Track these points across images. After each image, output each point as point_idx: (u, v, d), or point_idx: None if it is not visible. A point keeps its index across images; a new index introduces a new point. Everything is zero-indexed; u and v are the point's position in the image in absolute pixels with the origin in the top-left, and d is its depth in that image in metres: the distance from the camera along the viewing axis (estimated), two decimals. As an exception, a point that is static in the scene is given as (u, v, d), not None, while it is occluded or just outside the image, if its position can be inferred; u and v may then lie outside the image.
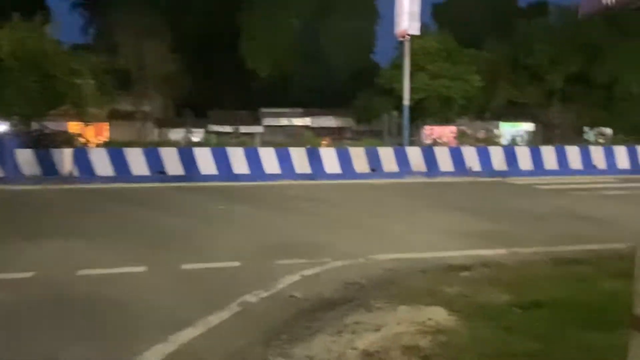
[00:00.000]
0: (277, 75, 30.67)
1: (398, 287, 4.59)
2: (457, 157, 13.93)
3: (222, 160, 12.90)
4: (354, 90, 29.32)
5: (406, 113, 14.35)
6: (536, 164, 14.18)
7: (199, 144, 14.14)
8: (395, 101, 24.92)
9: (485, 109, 26.51)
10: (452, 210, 8.61)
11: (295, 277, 4.76)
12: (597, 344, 3.34)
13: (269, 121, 30.85)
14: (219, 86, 30.71)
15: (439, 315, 3.90)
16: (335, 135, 23.19)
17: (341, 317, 3.93)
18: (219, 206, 9.19)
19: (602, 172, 14.26)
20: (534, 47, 26.24)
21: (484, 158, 14.05)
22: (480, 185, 12.55)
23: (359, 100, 27.86)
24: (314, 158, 13.35)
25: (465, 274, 5.02)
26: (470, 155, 14.00)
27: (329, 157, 13.44)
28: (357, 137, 21.91)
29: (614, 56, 24.27)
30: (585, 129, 26.87)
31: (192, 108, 27.73)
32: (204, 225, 7.36)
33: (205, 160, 12.84)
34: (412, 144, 15.82)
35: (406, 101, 14.26)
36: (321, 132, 22.21)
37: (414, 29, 13.72)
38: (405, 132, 14.58)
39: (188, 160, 12.72)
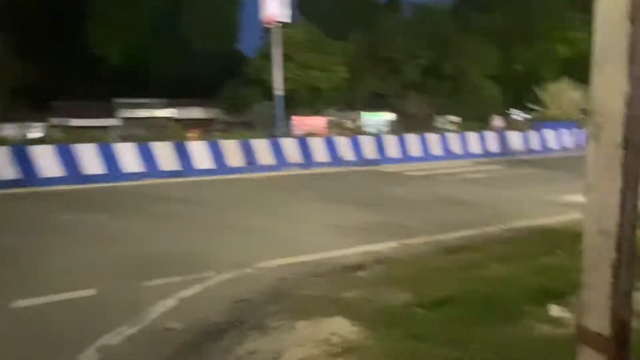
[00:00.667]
0: (132, 64, 27.89)
1: (293, 299, 4.05)
2: (331, 147, 13.91)
3: (68, 159, 10.99)
4: (221, 80, 28.07)
5: (279, 103, 13.88)
6: (403, 152, 14.86)
7: (38, 141, 11.87)
8: (265, 91, 24.42)
9: (351, 99, 27.51)
10: (335, 203, 8.37)
11: (171, 302, 3.92)
12: (510, 339, 3.20)
13: (125, 113, 27.95)
14: (64, 75, 26.88)
15: (342, 327, 3.46)
16: (205, 127, 21.84)
17: (232, 347, 3.26)
18: (64, 216, 7.67)
19: (458, 156, 15.52)
20: (392, 41, 27.93)
21: (356, 147, 14.27)
22: (355, 174, 12.66)
23: (227, 90, 26.76)
24: (182, 153, 12.16)
25: (361, 274, 4.68)
26: (344, 145, 14.11)
27: (199, 151, 12.37)
28: (228, 129, 20.89)
29: (460, 51, 26.93)
30: (437, 117, 29.35)
31: (31, 99, 23.79)
32: (45, 242, 5.96)
33: (47, 160, 10.81)
34: (285, 135, 15.45)
35: (279, 91, 13.78)
36: (188, 124, 20.68)
37: (284, 15, 13.23)
38: (279, 123, 14.13)
39: (24, 160, 10.58)
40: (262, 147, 13.01)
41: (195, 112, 29.29)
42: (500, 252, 5.12)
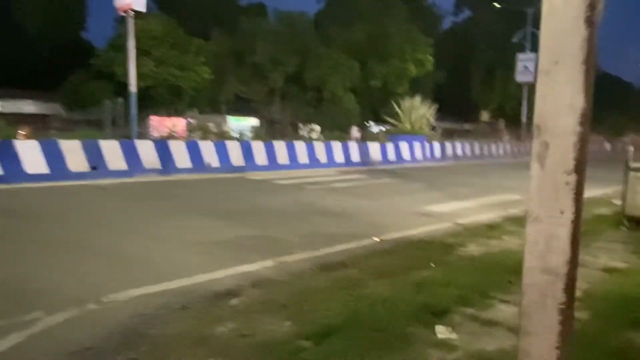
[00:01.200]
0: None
1: (152, 341, 3.27)
2: (194, 152, 12.88)
3: None
4: (63, 71, 24.55)
5: (133, 101, 12.38)
6: (270, 159, 14.49)
7: None
8: (116, 87, 21.94)
9: (215, 102, 26.37)
10: (201, 216, 7.55)
11: (-28, 364, 2.85)
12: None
13: None
14: None
15: (215, 376, 2.86)
16: (39, 124, 18.71)
17: None
18: None
19: (324, 165, 15.69)
20: (257, 45, 27.57)
21: (222, 153, 13.47)
22: (221, 182, 11.87)
23: (70, 83, 23.46)
24: (7, 154, 10.03)
25: (235, 301, 4.07)
26: (208, 150, 13.19)
27: (31, 153, 10.33)
28: (69, 128, 18.19)
29: (322, 62, 27.70)
30: (300, 125, 29.81)
31: None
32: None
33: None
34: (140, 136, 13.92)
35: (132, 87, 12.27)
36: (17, 120, 17.50)
37: (139, 4, 11.84)
38: (133, 123, 12.60)
39: None
40: (111, 150, 11.43)
41: (27, 106, 25.12)
42: (378, 267, 4.97)
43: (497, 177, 15.61)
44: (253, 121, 28.48)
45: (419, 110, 20.71)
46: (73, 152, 10.84)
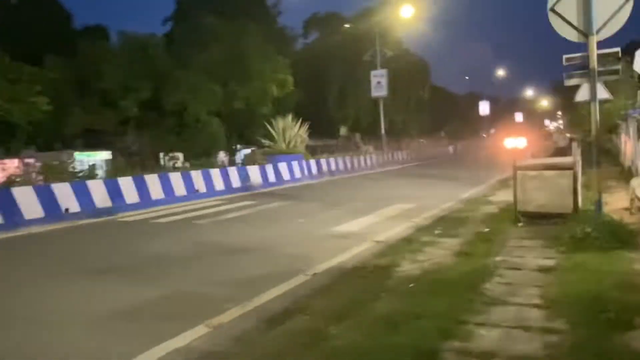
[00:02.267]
0: None
1: None
2: (46, 197, 10.64)
3: None
4: None
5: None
6: (142, 195, 12.77)
7: None
8: None
9: (58, 137, 22.89)
10: (81, 276, 6.00)
11: None
12: None
13: None
14: None
15: None
16: None
17: None
18: None
19: (204, 195, 14.42)
20: (102, 70, 24.83)
21: (82, 195, 11.41)
22: (87, 230, 9.96)
23: None
24: None
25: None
26: (64, 193, 11.04)
27: None
28: None
29: (181, 86, 26.05)
30: (162, 154, 27.65)
31: None
32: None
33: None
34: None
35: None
36: None
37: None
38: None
39: None
40: None
41: None
42: (329, 308, 4.30)
43: (380, 187, 16.10)
44: (105, 155, 25.47)
45: (292, 129, 20.59)
46: None
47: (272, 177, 17.65)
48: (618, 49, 6.34)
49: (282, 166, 18.32)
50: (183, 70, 26.73)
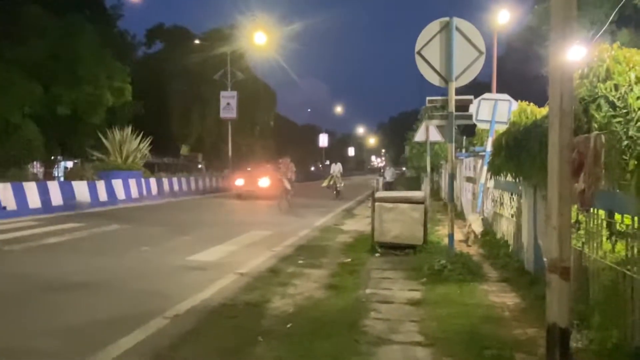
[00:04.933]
0: None
1: None
2: None
3: None
4: None
5: None
6: None
7: None
8: None
9: None
10: None
11: None
12: None
13: None
14: None
15: None
16: None
17: None
18: None
19: (14, 213, 11.81)
20: None
21: None
22: None
23: None
24: None
25: None
26: None
27: None
28: None
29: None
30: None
31: None
32: None
33: None
34: None
35: None
36: None
37: None
38: None
39: None
40: None
41: None
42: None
43: (230, 212, 15.34)
44: None
45: (131, 142, 18.54)
46: None
47: (103, 196, 15.50)
48: (472, 97, 7.06)
49: (117, 183, 16.28)
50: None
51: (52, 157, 26.03)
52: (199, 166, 42.21)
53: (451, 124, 6.59)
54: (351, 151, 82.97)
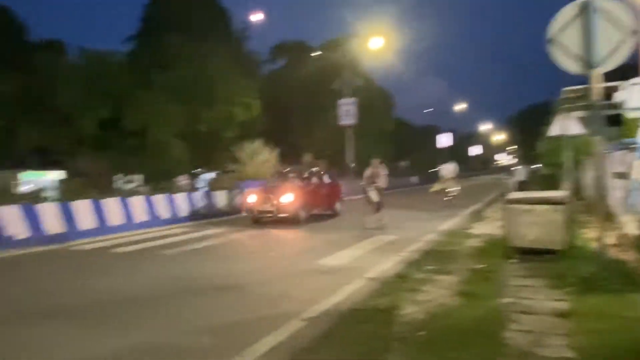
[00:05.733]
0: None
1: None
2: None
3: None
4: None
5: None
6: (100, 220, 11.70)
7: None
8: None
9: (7, 154, 21.20)
10: (31, 319, 5.06)
11: None
12: None
13: None
14: None
15: None
16: None
17: None
18: None
19: (167, 221, 13.44)
20: (58, 86, 23.47)
21: (31, 220, 10.27)
22: (35, 259, 8.84)
23: None
24: None
25: None
26: (12, 217, 9.89)
27: None
28: None
29: (142, 106, 25.00)
30: (118, 176, 26.30)
31: None
32: None
33: None
34: None
35: None
36: None
37: None
38: None
39: None
40: None
41: None
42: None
43: (355, 217, 15.37)
44: (57, 175, 23.87)
45: (262, 154, 19.97)
46: None
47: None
48: (620, 83, 6.26)
49: (251, 192, 17.59)
50: (145, 90, 25.73)
51: (193, 170, 29.03)
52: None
53: (597, 115, 5.89)
54: (474, 150, 78.66)
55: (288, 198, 12.80)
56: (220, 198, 16.05)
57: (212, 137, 28.52)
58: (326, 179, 15.09)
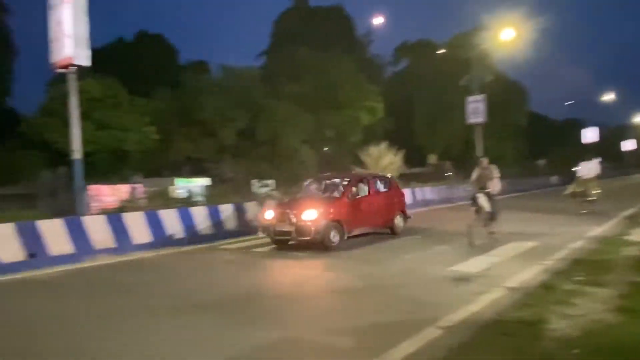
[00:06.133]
0: None
1: None
2: (154, 223, 10.99)
3: None
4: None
5: (79, 170, 10.45)
6: (243, 222, 12.81)
7: None
8: (48, 156, 19.63)
9: (163, 164, 24.42)
10: (187, 310, 5.79)
11: None
12: None
13: None
14: None
15: None
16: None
17: None
18: None
19: (299, 224, 14.18)
20: (204, 102, 26.25)
21: (186, 221, 11.66)
22: (191, 257, 10.02)
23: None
24: None
25: None
26: (171, 219, 11.35)
27: None
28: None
29: (274, 116, 26.81)
30: (253, 181, 28.30)
31: None
32: None
33: None
34: (85, 211, 11.80)
35: (77, 153, 10.40)
36: None
37: (83, 58, 10.19)
38: (80, 196, 10.58)
39: None
40: (54, 231, 9.33)
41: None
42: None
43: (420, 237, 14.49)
44: (204, 181, 26.61)
45: (386, 157, 20.05)
46: (6, 239, 8.68)
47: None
48: None
49: (377, 195, 17.70)
50: (276, 101, 27.52)
51: (320, 174, 30.21)
52: (447, 174, 42.07)
53: None
54: (628, 145, 68.65)
55: (310, 215, 9.51)
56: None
57: (338, 141, 29.37)
58: (380, 187, 11.61)
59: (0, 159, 21.34)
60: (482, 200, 9.70)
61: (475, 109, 26.40)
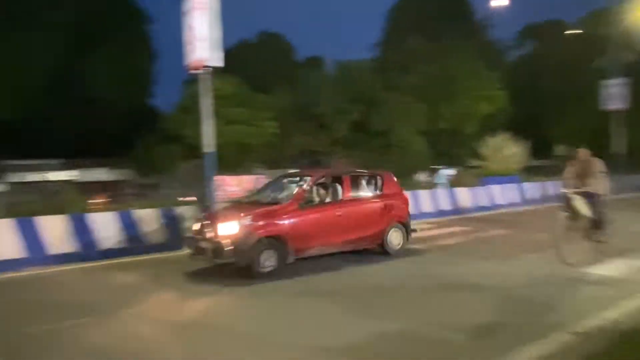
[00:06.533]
0: (22, 120, 23.91)
1: None
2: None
3: None
4: (131, 137, 25.12)
5: (209, 162, 11.50)
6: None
7: None
8: (184, 149, 21.88)
9: (279, 156, 25.78)
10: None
11: None
12: None
13: (14, 177, 23.73)
14: None
15: None
16: (113, 192, 18.53)
17: None
18: None
19: (449, 212, 14.63)
20: (319, 97, 27.04)
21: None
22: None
23: (140, 148, 23.79)
24: (82, 229, 9.21)
25: None
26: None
27: (106, 225, 9.47)
28: (141, 193, 17.81)
29: (387, 108, 26.64)
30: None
31: None
32: None
33: None
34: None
35: (208, 147, 11.44)
36: (91, 188, 17.49)
37: (216, 59, 11.16)
38: (209, 186, 11.67)
39: None
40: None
41: (100, 174, 25.64)
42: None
43: (629, 220, 12.43)
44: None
45: (507, 148, 18.83)
46: (152, 224, 9.94)
47: (484, 201, 16.27)
48: None
49: (496, 189, 16.75)
50: (390, 93, 27.29)
51: (431, 166, 29.37)
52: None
53: None
54: None
55: (228, 229, 7.02)
56: (462, 195, 15.78)
57: (453, 133, 28.24)
58: (364, 189, 8.75)
59: (142, 153, 24.39)
60: (579, 203, 7.45)
61: (614, 93, 23.50)
